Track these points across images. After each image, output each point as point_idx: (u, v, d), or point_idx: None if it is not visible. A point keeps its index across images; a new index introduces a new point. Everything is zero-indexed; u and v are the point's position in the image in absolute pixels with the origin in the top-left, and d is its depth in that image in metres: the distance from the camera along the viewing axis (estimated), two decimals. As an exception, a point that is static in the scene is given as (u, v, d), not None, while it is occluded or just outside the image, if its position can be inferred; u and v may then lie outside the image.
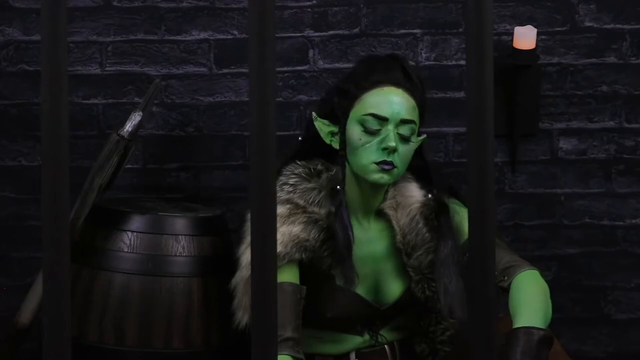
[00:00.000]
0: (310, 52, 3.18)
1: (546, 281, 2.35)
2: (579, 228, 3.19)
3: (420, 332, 2.48)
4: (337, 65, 3.16)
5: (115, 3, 3.18)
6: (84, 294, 2.72)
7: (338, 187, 2.37)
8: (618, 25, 3.16)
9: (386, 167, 2.29)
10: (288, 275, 2.34)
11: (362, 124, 2.32)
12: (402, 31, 3.16)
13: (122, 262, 2.71)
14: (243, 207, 3.18)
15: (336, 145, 2.38)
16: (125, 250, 2.72)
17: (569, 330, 3.18)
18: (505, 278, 2.32)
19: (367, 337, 2.46)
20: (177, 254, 2.73)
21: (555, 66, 3.17)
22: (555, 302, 3.19)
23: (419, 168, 2.45)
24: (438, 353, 2.46)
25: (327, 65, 3.18)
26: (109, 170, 2.75)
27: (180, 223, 2.76)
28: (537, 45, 3.08)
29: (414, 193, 2.43)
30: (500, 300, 2.44)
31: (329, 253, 2.35)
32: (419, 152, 2.43)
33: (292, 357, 2.26)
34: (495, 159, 3.15)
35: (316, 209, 2.36)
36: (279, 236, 2.33)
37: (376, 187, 2.37)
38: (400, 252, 2.41)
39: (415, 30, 3.15)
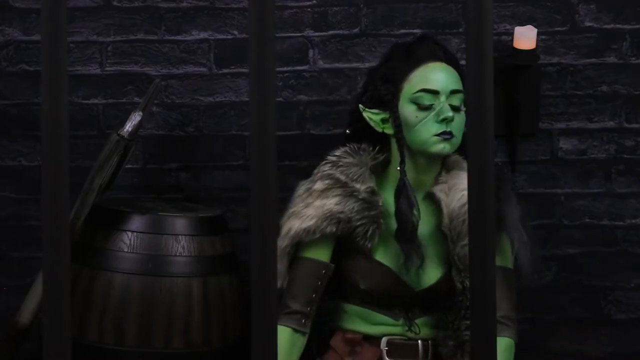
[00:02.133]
0: (310, 52, 3.18)
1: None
2: (579, 228, 3.19)
3: (448, 324, 2.47)
4: (337, 65, 3.16)
5: (115, 3, 3.18)
6: (84, 294, 2.72)
7: (398, 168, 2.43)
8: (618, 25, 3.16)
9: (446, 136, 2.38)
10: (316, 251, 2.42)
11: (415, 101, 2.41)
12: (402, 31, 3.16)
13: (122, 262, 2.71)
14: (243, 207, 3.18)
15: (389, 131, 2.46)
16: (125, 250, 2.72)
17: (569, 330, 3.18)
18: None
19: (401, 321, 2.45)
20: (177, 254, 2.73)
21: (555, 66, 3.17)
22: (555, 302, 3.20)
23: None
24: (465, 349, 2.44)
25: (327, 65, 3.17)
26: (109, 170, 2.75)
27: (180, 223, 2.76)
28: (537, 45, 3.08)
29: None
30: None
31: (363, 223, 2.37)
32: None
33: (294, 329, 2.36)
34: (495, 159, 3.14)
35: (357, 185, 2.41)
36: (311, 210, 2.41)
37: (432, 161, 2.43)
38: (445, 237, 2.43)
39: (415, 30, 3.15)
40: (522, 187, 3.19)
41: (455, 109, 2.40)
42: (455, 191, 2.43)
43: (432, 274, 2.44)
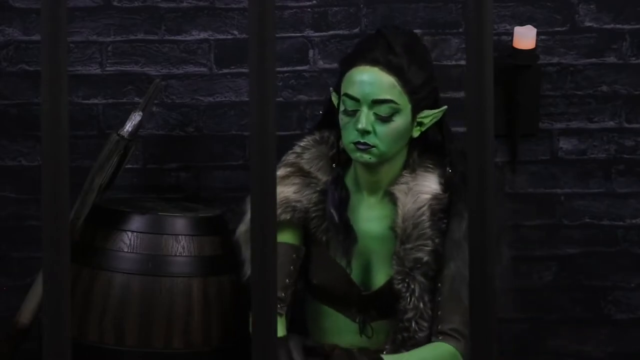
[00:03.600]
0: (310, 52, 3.18)
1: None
2: (579, 228, 3.19)
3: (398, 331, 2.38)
4: (337, 65, 3.16)
5: (115, 3, 3.18)
6: (84, 294, 2.72)
7: (334, 164, 2.39)
8: (618, 25, 3.16)
9: (361, 147, 2.28)
10: (283, 236, 2.37)
11: (343, 104, 2.31)
12: (402, 31, 3.16)
13: (122, 262, 2.71)
14: (243, 207, 3.18)
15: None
16: (125, 250, 2.72)
17: (569, 330, 3.18)
18: (440, 338, 2.28)
19: (359, 323, 2.39)
20: (177, 254, 2.73)
21: (555, 66, 3.17)
22: (555, 302, 3.20)
23: (435, 142, 2.40)
24: None
25: (327, 65, 3.17)
26: (109, 170, 2.75)
27: (180, 223, 2.76)
28: (537, 45, 3.08)
29: (430, 184, 2.35)
30: (502, 301, 2.44)
31: (318, 215, 2.34)
32: (438, 125, 2.38)
33: None
34: (495, 159, 3.14)
35: (319, 175, 2.37)
36: None
37: (366, 166, 2.34)
38: (396, 237, 2.33)
39: (415, 30, 3.15)
40: (522, 187, 3.19)
41: (382, 119, 2.27)
42: (414, 193, 2.33)
43: (380, 276, 2.37)
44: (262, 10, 0.85)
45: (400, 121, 2.30)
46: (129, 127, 2.79)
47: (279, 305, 2.34)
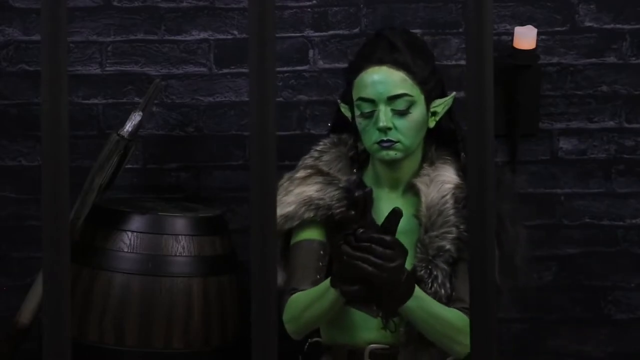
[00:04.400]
0: (310, 52, 3.18)
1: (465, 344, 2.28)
2: (579, 228, 3.19)
3: None
4: (337, 65, 3.16)
5: (115, 3, 3.18)
6: (84, 294, 2.72)
7: (354, 170, 2.41)
8: (618, 25, 3.16)
9: (385, 144, 2.32)
10: (308, 233, 2.39)
11: (359, 108, 2.35)
12: (402, 31, 3.16)
13: (122, 262, 2.71)
14: (243, 207, 3.18)
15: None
16: (125, 250, 2.72)
17: (569, 330, 3.18)
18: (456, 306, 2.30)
19: (381, 323, 2.39)
20: (177, 254, 2.73)
21: (555, 66, 3.17)
22: (555, 302, 3.20)
23: (449, 132, 2.44)
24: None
25: (327, 65, 3.18)
26: (109, 170, 2.75)
27: (180, 223, 2.76)
28: (537, 45, 3.08)
29: (451, 174, 2.40)
30: (500, 300, 2.44)
31: (341, 212, 2.36)
32: (448, 114, 2.42)
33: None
34: (495, 159, 3.15)
35: (339, 175, 2.40)
36: (291, 197, 2.39)
37: (388, 163, 2.39)
38: (420, 226, 2.36)
39: (415, 30, 3.15)
40: (522, 187, 3.19)
41: (400, 113, 2.32)
42: (437, 183, 2.38)
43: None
44: (262, 10, 0.85)
45: (417, 112, 2.35)
46: (129, 127, 2.79)
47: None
